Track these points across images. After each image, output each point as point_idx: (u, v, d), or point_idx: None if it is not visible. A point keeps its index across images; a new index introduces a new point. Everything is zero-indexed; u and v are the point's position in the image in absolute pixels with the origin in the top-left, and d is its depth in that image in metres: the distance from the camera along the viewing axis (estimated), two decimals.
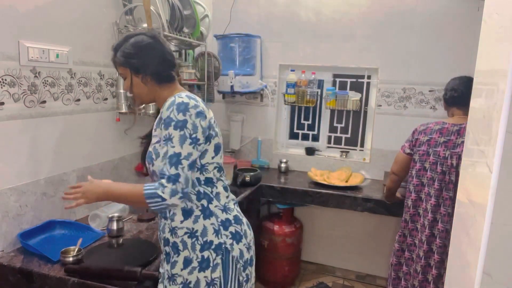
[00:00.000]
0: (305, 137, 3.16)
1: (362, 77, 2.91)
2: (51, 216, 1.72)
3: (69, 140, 1.80)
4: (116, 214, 1.74)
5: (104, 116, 2.01)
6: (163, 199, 1.12)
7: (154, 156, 1.23)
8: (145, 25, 2.02)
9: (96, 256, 1.50)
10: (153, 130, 1.29)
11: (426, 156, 1.94)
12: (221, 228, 1.27)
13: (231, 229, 1.29)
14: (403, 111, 2.77)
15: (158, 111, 1.36)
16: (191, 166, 1.18)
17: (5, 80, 1.46)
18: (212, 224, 1.26)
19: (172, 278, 1.27)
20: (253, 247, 1.37)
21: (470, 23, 2.52)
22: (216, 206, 1.28)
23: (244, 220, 1.36)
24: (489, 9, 0.90)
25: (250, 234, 1.36)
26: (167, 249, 1.30)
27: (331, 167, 2.97)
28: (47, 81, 1.65)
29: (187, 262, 1.25)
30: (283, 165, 3.01)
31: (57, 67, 1.69)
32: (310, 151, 3.06)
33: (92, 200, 1.25)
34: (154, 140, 1.25)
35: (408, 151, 2.03)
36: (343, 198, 2.50)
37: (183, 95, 1.22)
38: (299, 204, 2.86)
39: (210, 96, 2.73)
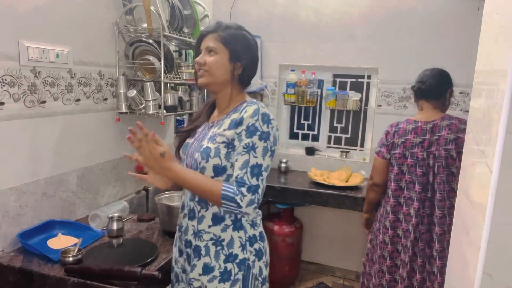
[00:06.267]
0: (305, 137, 3.16)
1: (362, 77, 2.91)
2: (51, 216, 1.72)
3: (69, 140, 1.80)
4: (116, 214, 1.74)
5: (104, 116, 2.01)
6: (239, 206, 1.13)
7: (212, 154, 1.19)
8: (145, 25, 2.02)
9: (96, 256, 1.50)
10: (218, 128, 1.24)
11: (403, 159, 1.85)
12: (247, 243, 1.26)
13: (256, 246, 1.28)
14: (403, 111, 2.77)
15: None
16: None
17: (5, 80, 1.46)
18: (239, 237, 1.24)
19: (190, 281, 1.26)
20: (268, 265, 1.36)
21: (470, 23, 2.52)
22: (246, 220, 1.26)
23: (266, 238, 1.36)
24: (489, 9, 0.90)
25: (268, 252, 1.36)
26: (188, 251, 1.28)
27: (331, 167, 2.97)
28: (47, 81, 1.65)
29: (207, 269, 1.23)
30: (283, 165, 3.01)
31: (57, 67, 1.69)
32: (310, 151, 3.06)
33: (155, 171, 1.18)
34: (219, 139, 1.20)
35: (388, 156, 1.91)
36: (343, 198, 2.50)
37: (262, 105, 1.23)
38: (299, 204, 2.86)
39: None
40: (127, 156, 1.18)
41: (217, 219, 1.24)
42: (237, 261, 1.23)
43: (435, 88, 1.88)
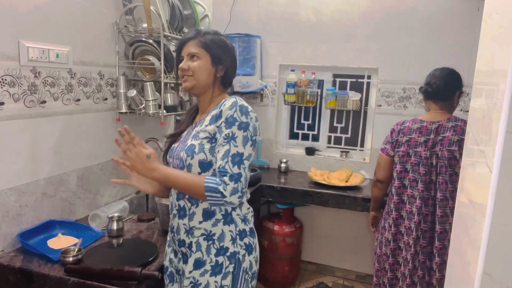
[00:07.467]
0: (305, 137, 3.16)
1: (362, 77, 2.91)
2: (51, 216, 1.72)
3: (69, 140, 1.80)
4: (116, 214, 1.74)
5: (104, 116, 2.01)
6: (223, 196, 1.15)
7: (196, 150, 1.22)
8: (145, 25, 2.02)
9: (96, 256, 1.50)
10: (200, 126, 1.28)
11: (407, 157, 1.87)
12: (238, 237, 1.28)
13: (246, 240, 1.30)
14: (403, 111, 2.77)
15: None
16: (250, 167, 1.21)
17: (5, 80, 1.46)
18: (230, 231, 1.27)
19: (184, 279, 1.29)
20: (258, 261, 1.38)
21: (470, 23, 2.52)
22: (237, 215, 1.29)
23: (256, 234, 1.38)
24: (489, 9, 0.90)
25: (258, 248, 1.38)
26: (183, 249, 1.31)
27: (331, 167, 2.97)
28: (47, 81, 1.65)
29: (198, 263, 1.26)
30: (283, 165, 3.01)
31: (57, 67, 1.69)
32: (310, 151, 3.06)
33: (142, 173, 1.20)
34: (202, 135, 1.24)
35: (392, 153, 1.94)
36: (343, 198, 2.50)
37: (240, 98, 1.27)
38: (299, 204, 2.86)
39: None
40: (114, 160, 1.23)
41: (207, 214, 1.26)
42: (228, 254, 1.26)
43: (442, 90, 1.88)
